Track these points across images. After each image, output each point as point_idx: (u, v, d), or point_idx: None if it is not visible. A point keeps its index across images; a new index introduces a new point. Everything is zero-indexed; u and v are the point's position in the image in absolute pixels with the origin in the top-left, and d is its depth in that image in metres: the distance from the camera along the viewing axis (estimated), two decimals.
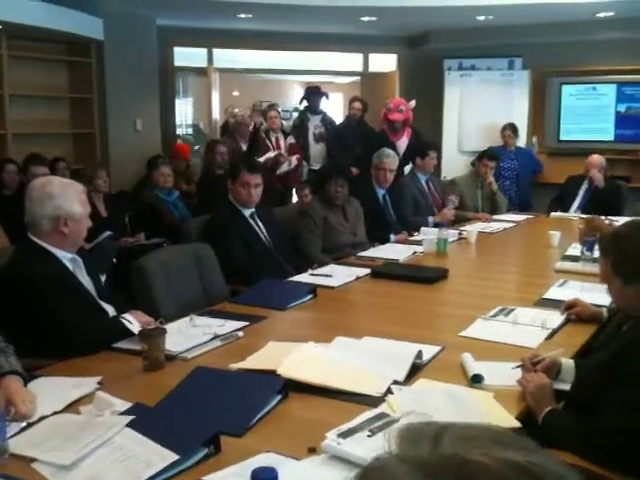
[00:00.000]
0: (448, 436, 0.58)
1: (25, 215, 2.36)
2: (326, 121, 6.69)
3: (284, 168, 6.13)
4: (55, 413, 1.70)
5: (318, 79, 9.67)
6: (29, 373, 1.88)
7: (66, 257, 2.36)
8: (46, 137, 5.69)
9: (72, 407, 1.74)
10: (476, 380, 1.92)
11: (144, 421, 1.59)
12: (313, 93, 6.84)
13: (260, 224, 3.57)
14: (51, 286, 2.23)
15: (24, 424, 1.64)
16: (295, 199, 6.06)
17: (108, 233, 3.96)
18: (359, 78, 8.83)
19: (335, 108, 9.07)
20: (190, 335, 2.28)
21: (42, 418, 1.67)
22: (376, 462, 0.58)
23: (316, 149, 6.58)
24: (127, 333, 2.25)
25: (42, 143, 5.33)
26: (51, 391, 1.79)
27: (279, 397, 1.78)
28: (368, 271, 3.22)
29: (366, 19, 6.82)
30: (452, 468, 0.55)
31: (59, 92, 6.13)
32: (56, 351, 2.10)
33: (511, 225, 4.77)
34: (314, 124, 6.63)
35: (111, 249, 4.00)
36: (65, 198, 2.35)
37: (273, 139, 6.40)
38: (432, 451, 0.57)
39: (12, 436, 1.56)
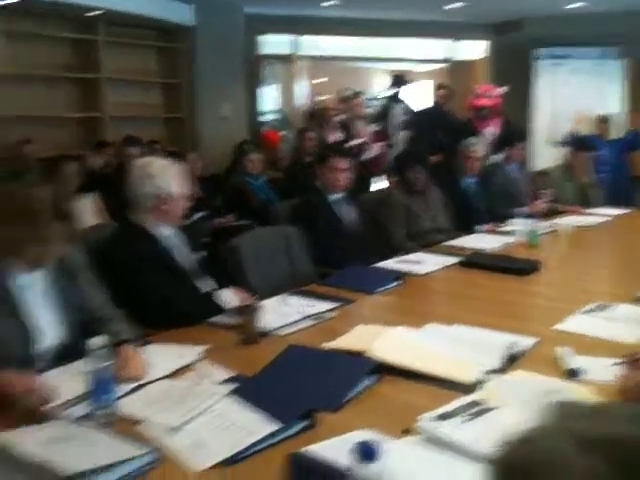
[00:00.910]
0: (611, 413, 0.56)
1: (125, 193, 2.46)
2: (411, 108, 6.63)
3: (368, 156, 6.13)
4: (161, 379, 1.77)
5: (404, 66, 9.58)
6: (137, 340, 1.97)
7: (163, 235, 2.45)
8: (140, 120, 5.90)
9: (177, 374, 1.82)
10: (573, 374, 1.87)
11: (244, 391, 1.64)
12: (398, 81, 6.79)
13: (347, 210, 3.59)
14: (148, 264, 2.32)
15: (133, 387, 1.72)
16: (377, 187, 6.05)
17: (201, 213, 4.09)
18: (445, 65, 8.70)
19: (420, 95, 8.96)
20: (282, 313, 2.32)
21: (149, 383, 1.75)
22: (539, 430, 0.57)
23: (400, 136, 6.53)
24: (220, 309, 2.32)
25: (136, 126, 5.53)
26: (158, 358, 1.87)
27: (371, 378, 1.79)
28: (456, 260, 3.18)
29: (454, 5, 6.70)
30: (624, 445, 0.54)
31: (151, 77, 6.34)
32: (155, 324, 2.18)
33: (607, 219, 4.57)
34: (398, 112, 6.59)
35: (204, 229, 4.14)
36: (165, 178, 2.43)
37: (358, 127, 6.40)
38: (597, 426, 0.56)
39: (120, 397, 1.64)
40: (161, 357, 1.88)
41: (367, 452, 1.13)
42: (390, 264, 3.15)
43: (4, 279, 1.81)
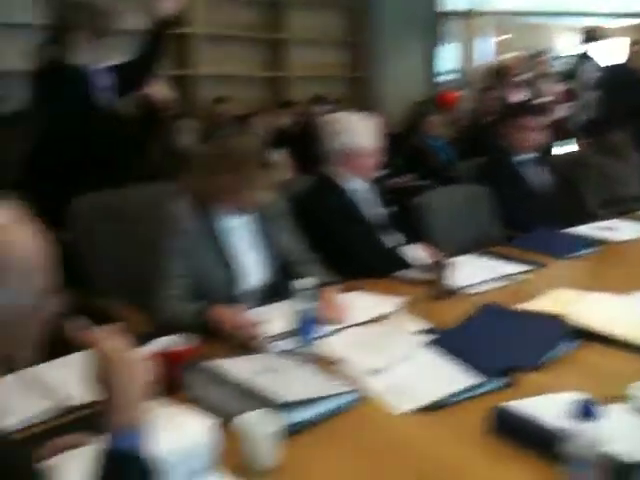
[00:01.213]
0: None
1: (315, 149, 2.54)
2: (602, 67, 6.13)
3: (555, 115, 5.79)
4: (360, 324, 1.84)
5: (595, 22, 8.84)
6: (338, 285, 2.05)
7: (352, 189, 2.51)
8: (323, 80, 6.02)
9: (374, 322, 1.88)
10: None
11: (443, 343, 1.66)
12: (589, 37, 6.31)
13: (536, 171, 3.43)
14: (337, 216, 2.39)
15: (334, 329, 1.80)
16: (560, 150, 5.71)
17: (385, 171, 4.12)
18: None
19: (614, 53, 8.26)
20: (471, 272, 2.29)
21: (349, 327, 1.83)
22: None
23: (589, 96, 6.08)
24: (406, 264, 2.34)
25: (319, 85, 5.65)
26: (357, 304, 1.93)
27: (571, 342, 1.72)
28: None
29: None
30: None
31: (334, 36, 6.42)
32: (342, 273, 2.25)
33: None
34: (589, 70, 6.12)
35: (386, 186, 4.17)
36: (355, 133, 2.47)
37: (543, 85, 6.06)
38: None
39: (322, 337, 1.72)
40: (360, 304, 1.94)
41: (587, 411, 1.09)
42: (583, 230, 2.98)
43: (212, 223, 1.96)
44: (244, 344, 1.69)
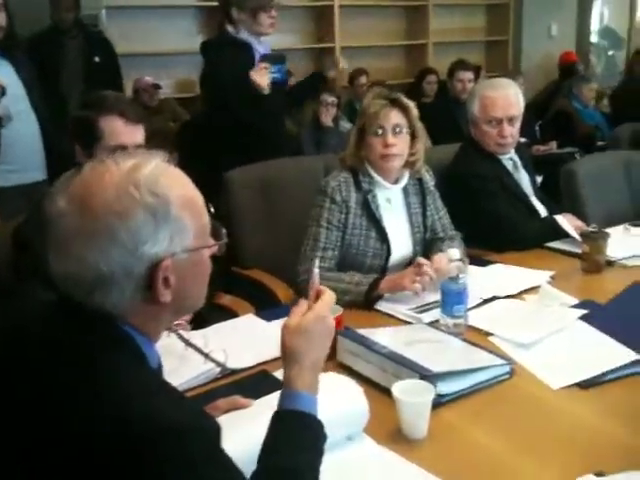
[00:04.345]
0: None
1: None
2: None
3: None
4: (507, 297, 1.82)
5: None
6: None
7: (505, 157, 2.43)
8: (462, 45, 5.80)
9: (523, 294, 1.84)
10: None
11: (595, 318, 1.60)
12: None
13: None
14: (490, 185, 2.33)
15: (482, 300, 1.78)
16: None
17: (523, 140, 3.97)
18: None
19: None
20: (627, 244, 2.19)
21: (496, 298, 1.81)
22: None
23: None
24: (559, 234, 2.25)
25: (458, 52, 5.46)
26: (503, 277, 1.90)
27: None
28: None
29: None
30: None
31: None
32: (494, 244, 2.21)
33: None
34: None
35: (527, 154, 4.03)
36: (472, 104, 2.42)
37: None
38: None
39: (470, 309, 1.69)
40: (506, 277, 1.90)
41: None
42: None
43: (367, 196, 1.97)
44: None
